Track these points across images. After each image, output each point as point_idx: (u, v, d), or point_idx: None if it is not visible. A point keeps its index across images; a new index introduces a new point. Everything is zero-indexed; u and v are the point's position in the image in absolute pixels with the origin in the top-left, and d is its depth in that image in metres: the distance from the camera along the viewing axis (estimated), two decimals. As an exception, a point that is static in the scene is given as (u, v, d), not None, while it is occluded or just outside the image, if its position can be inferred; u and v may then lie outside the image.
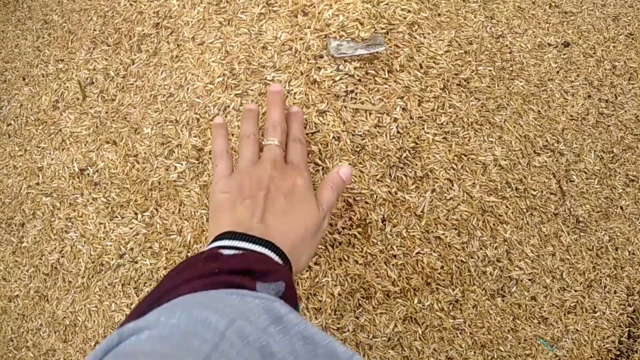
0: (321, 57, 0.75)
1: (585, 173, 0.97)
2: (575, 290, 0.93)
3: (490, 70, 0.90)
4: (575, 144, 0.98)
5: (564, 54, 1.07)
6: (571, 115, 1.00)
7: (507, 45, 0.99)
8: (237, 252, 0.48)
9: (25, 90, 1.00)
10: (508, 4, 1.07)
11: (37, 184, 0.87)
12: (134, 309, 0.42)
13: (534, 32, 1.06)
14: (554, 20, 1.12)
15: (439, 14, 0.89)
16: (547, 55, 1.05)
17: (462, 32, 0.90)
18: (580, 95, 1.03)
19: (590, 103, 1.04)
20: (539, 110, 0.96)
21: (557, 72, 1.04)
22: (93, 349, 0.78)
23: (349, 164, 0.73)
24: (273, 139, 0.61)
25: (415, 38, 0.81)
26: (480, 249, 0.83)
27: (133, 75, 0.87)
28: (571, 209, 0.94)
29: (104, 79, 0.89)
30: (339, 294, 0.75)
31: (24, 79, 1.03)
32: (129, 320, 0.37)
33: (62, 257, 0.83)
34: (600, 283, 0.96)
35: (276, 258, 0.50)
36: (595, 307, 0.95)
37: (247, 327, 0.35)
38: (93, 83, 0.89)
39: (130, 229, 0.79)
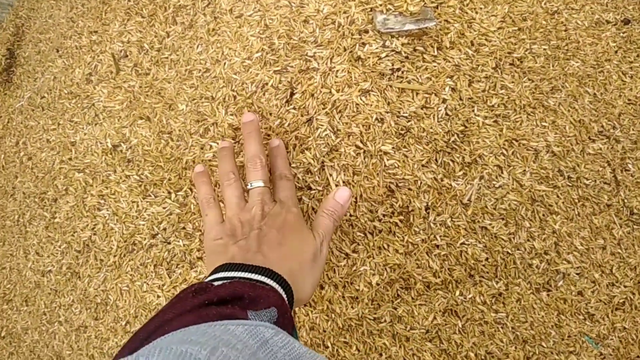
0: (366, 32, 0.70)
1: (643, 162, 0.90)
2: (625, 286, 0.88)
3: (545, 49, 0.84)
4: (633, 130, 0.91)
5: (623, 32, 0.99)
6: (629, 99, 0.93)
7: (562, 22, 0.92)
8: (226, 281, 0.48)
9: (59, 62, 0.98)
10: (564, -23, 0.99)
11: (70, 159, 0.86)
12: (125, 345, 0.41)
13: (591, 8, 0.98)
14: (613, -4, 1.03)
15: (492, -13, 0.82)
16: (604, 34, 0.97)
17: (516, 7, 0.84)
18: (639, 78, 0.96)
19: (650, 86, 0.96)
20: (594, 94, 0.89)
21: (615, 52, 0.96)
22: (124, 328, 0.78)
23: (393, 147, 0.68)
24: (257, 181, 0.61)
25: (467, 13, 0.76)
26: (528, 240, 0.78)
27: (168, 48, 0.84)
28: (625, 200, 0.88)
29: (137, 52, 0.86)
30: (377, 284, 0.72)
31: (57, 51, 1.01)
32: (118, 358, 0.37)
33: (94, 234, 0.81)
34: (652, 279, 0.90)
35: (274, 285, 0.49)
36: (645, 305, 0.90)
37: (232, 354, 0.34)
38: (127, 56, 0.86)
39: (164, 208, 0.77)
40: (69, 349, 0.88)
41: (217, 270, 0.51)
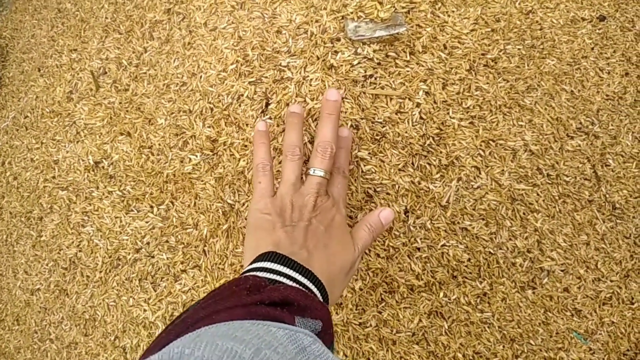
0: (338, 40, 0.71)
1: (622, 156, 0.91)
2: (611, 281, 0.88)
3: (519, 49, 0.84)
4: (612, 125, 0.92)
5: (599, 29, 1.00)
6: (607, 95, 0.94)
7: (537, 22, 0.92)
8: (279, 280, 0.48)
9: (41, 81, 0.98)
10: (538, -24, 1.00)
11: (54, 177, 0.86)
12: (170, 328, 0.41)
13: (566, 5, 0.99)
14: (588, -7, 1.04)
15: (464, -10, 0.83)
16: (580, 31, 0.98)
17: (489, 8, 0.85)
18: (616, 73, 0.97)
19: (627, 81, 0.97)
20: (572, 91, 0.90)
21: (592, 48, 0.97)
22: (113, 343, 0.78)
23: (369, 153, 0.69)
24: (320, 170, 0.58)
25: (439, 17, 0.76)
26: (510, 239, 0.78)
27: (146, 63, 0.84)
28: (607, 195, 0.89)
29: (116, 68, 0.87)
30: (360, 289, 0.73)
31: (39, 70, 1.02)
32: (157, 347, 0.37)
33: (80, 251, 0.82)
34: (639, 273, 0.91)
35: (314, 289, 0.49)
36: (632, 298, 0.90)
37: (274, 357, 0.35)
38: (106, 73, 0.87)
39: (146, 222, 0.77)
40: (60, 366, 0.89)
41: (262, 257, 0.50)
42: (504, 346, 0.81)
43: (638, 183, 0.92)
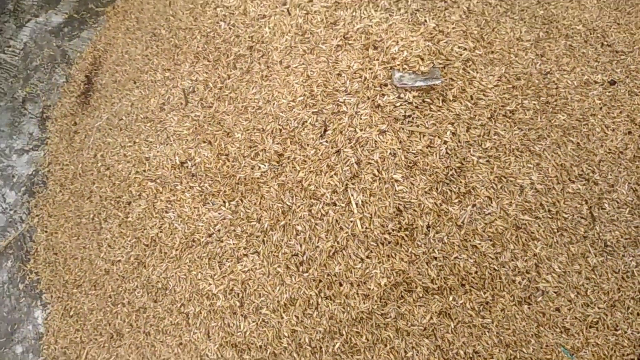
0: (386, 85, 0.90)
1: (617, 202, 1.06)
2: (599, 308, 1.03)
3: (534, 103, 1.02)
4: (610, 175, 1.08)
5: (609, 92, 1.17)
6: (609, 149, 1.10)
7: (553, 82, 1.10)
8: None
9: (136, 92, 1.20)
10: (559, 42, 1.18)
11: (144, 170, 1.07)
12: None
13: (581, 69, 1.17)
14: (603, 59, 1.21)
15: (492, 52, 1.02)
16: (592, 92, 1.15)
17: (512, 68, 1.03)
18: (620, 131, 1.13)
19: (630, 139, 1.13)
20: (578, 142, 1.06)
21: (600, 108, 1.14)
22: (178, 309, 0.97)
23: (402, 176, 0.87)
24: None
25: (469, 73, 0.95)
26: (512, 260, 0.95)
27: (228, 88, 1.05)
28: (600, 234, 1.04)
29: (203, 88, 1.07)
30: (385, 285, 0.90)
31: (134, 82, 1.24)
32: None
33: (161, 232, 1.02)
34: (624, 304, 1.05)
35: None
36: (617, 326, 1.04)
37: None
38: (194, 91, 1.08)
39: (219, 214, 0.97)
40: (129, 326, 1.08)
41: None
42: (499, 350, 0.97)
43: (630, 227, 1.07)
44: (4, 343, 1.24)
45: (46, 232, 1.35)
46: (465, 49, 0.95)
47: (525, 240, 0.96)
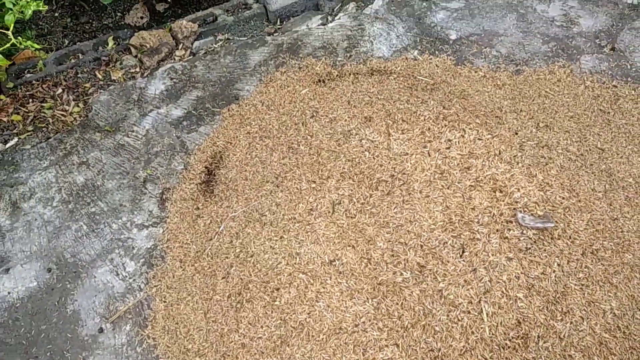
0: (511, 222, 1.17)
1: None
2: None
3: (610, 244, 1.30)
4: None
5: (658, 237, 1.46)
6: (663, 284, 1.37)
7: (619, 227, 1.39)
8: None
9: (280, 195, 1.46)
10: (619, 193, 1.49)
11: (295, 263, 1.30)
12: None
13: (638, 217, 1.47)
14: (651, 209, 1.52)
15: (579, 200, 1.31)
16: (646, 236, 1.44)
17: (593, 215, 1.32)
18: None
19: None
20: (640, 277, 1.34)
21: (654, 250, 1.42)
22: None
23: (523, 295, 1.13)
24: None
25: (567, 217, 1.23)
26: (596, 370, 1.18)
27: (370, 204, 1.32)
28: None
29: (348, 202, 1.34)
30: (502, 381, 1.12)
31: (278, 187, 1.50)
32: None
33: (309, 317, 1.24)
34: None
35: None
36: None
37: None
38: (340, 203, 1.34)
39: (363, 308, 1.20)
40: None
41: None
42: None
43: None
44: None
45: (165, 302, 1.55)
46: (564, 198, 1.24)
47: (606, 354, 1.20)
